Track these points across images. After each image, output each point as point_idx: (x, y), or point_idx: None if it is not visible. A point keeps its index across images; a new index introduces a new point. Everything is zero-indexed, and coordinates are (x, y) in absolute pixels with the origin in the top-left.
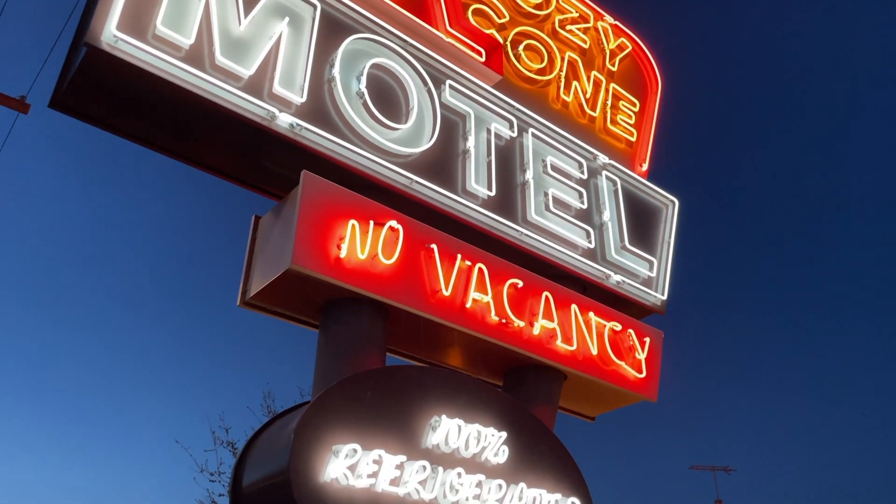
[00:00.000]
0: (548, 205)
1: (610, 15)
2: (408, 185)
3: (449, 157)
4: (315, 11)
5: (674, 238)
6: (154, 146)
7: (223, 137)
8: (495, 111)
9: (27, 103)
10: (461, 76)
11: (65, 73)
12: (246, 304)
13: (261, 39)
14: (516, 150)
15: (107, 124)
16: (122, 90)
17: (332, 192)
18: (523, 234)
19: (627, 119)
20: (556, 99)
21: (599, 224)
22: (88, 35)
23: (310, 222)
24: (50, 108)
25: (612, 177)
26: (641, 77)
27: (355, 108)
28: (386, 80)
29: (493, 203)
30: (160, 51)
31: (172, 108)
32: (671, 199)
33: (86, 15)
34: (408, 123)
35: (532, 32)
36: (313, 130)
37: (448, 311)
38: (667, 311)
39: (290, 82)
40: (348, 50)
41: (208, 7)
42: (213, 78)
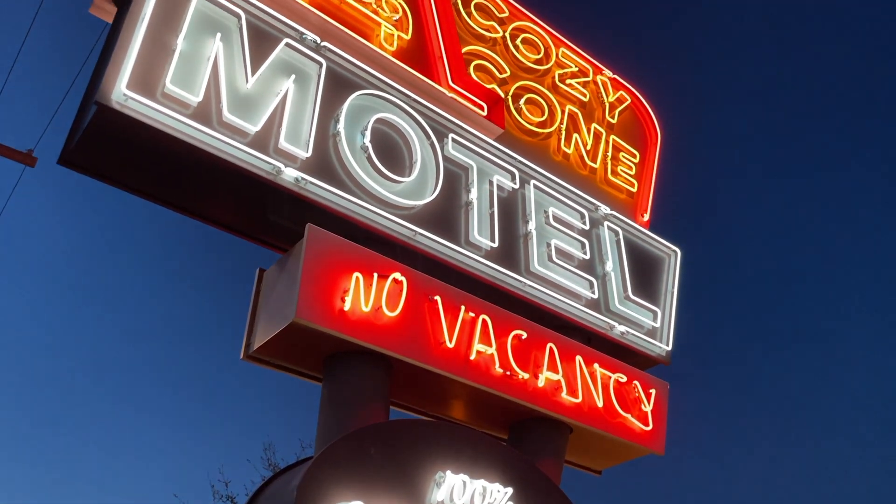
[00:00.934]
0: (550, 255)
1: (609, 69)
2: (411, 237)
3: (452, 209)
4: (321, 69)
5: (677, 288)
6: (160, 201)
7: (229, 192)
8: (497, 163)
9: (34, 156)
10: (464, 130)
11: (74, 131)
12: (249, 358)
13: (267, 96)
14: (518, 201)
15: (114, 180)
16: (131, 147)
17: (336, 244)
18: (526, 285)
19: (628, 170)
20: (557, 151)
21: (602, 274)
22: (99, 94)
23: (314, 275)
24: (59, 164)
25: (614, 227)
26: (641, 129)
27: (359, 161)
28: (390, 135)
29: (496, 254)
30: (169, 108)
31: (180, 163)
32: (673, 248)
33: (97, 73)
34: (411, 176)
35: (533, 87)
36: (318, 184)
37: (452, 364)
38: (671, 362)
39: (295, 137)
40: (353, 105)
41: (216, 66)
42: (220, 134)
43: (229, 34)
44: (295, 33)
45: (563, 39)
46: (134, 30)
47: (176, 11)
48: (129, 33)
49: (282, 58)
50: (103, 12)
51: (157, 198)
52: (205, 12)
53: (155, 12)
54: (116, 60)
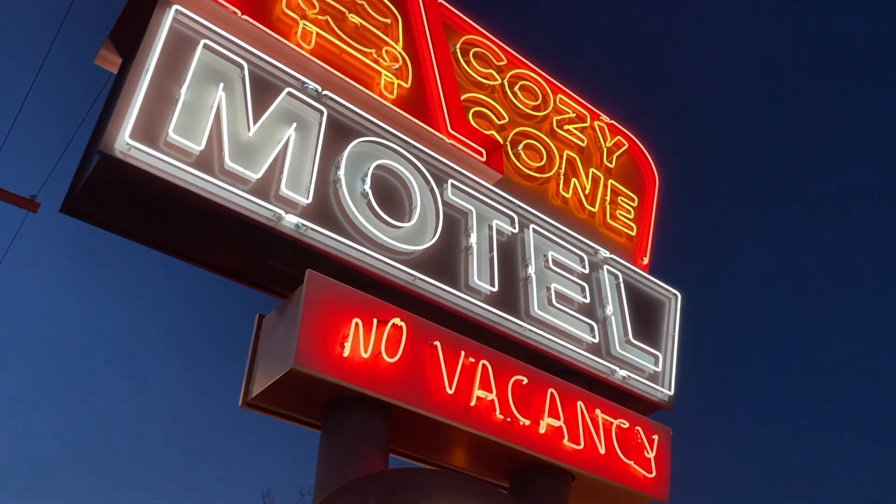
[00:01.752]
0: (550, 299)
1: (606, 114)
2: (411, 281)
3: (451, 254)
4: (322, 117)
5: (678, 332)
6: (161, 247)
7: (230, 238)
8: (496, 208)
9: (37, 202)
10: (463, 175)
11: (77, 179)
12: (248, 405)
13: (269, 144)
14: (518, 245)
15: (115, 227)
16: (133, 195)
17: (336, 290)
18: (527, 330)
19: (627, 214)
20: (556, 195)
21: (603, 318)
22: (102, 143)
23: (313, 321)
24: (61, 212)
25: (613, 271)
26: (639, 173)
27: (359, 207)
28: (390, 180)
29: (496, 298)
30: (171, 157)
31: (181, 211)
32: (674, 292)
33: (100, 122)
34: (411, 222)
35: (531, 132)
36: (318, 230)
37: (452, 410)
38: (674, 407)
39: (296, 184)
40: (353, 152)
41: (219, 115)
42: (221, 182)
43: (232, 84)
44: (297, 82)
45: (560, 86)
46: (138, 80)
47: (180, 62)
48: (134, 83)
49: (283, 106)
50: (108, 63)
51: (158, 244)
52: (208, 63)
53: (159, 63)
54: (120, 110)
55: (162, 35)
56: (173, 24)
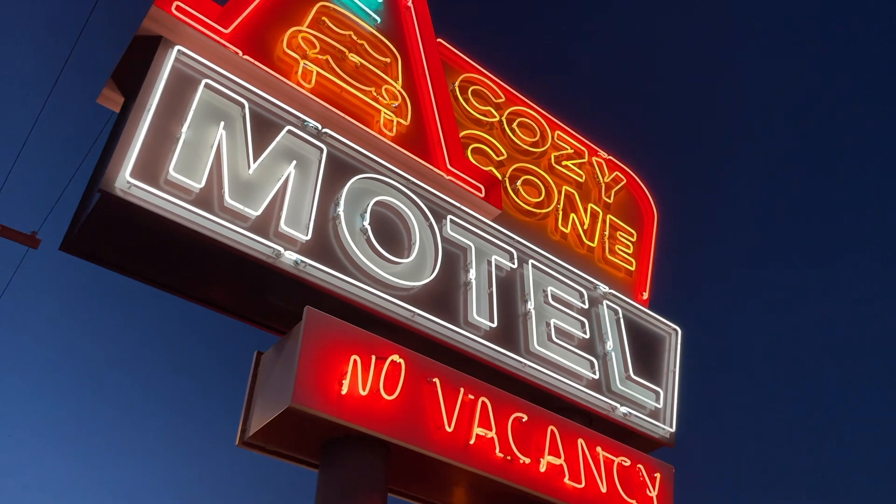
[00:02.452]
0: (550, 335)
1: (603, 150)
2: (410, 317)
3: (450, 290)
4: (322, 154)
5: (679, 367)
6: (160, 285)
7: (229, 275)
8: (495, 243)
9: (38, 238)
10: (462, 211)
11: (77, 217)
12: (245, 444)
13: (269, 181)
14: (517, 280)
15: (115, 265)
16: (133, 233)
17: (334, 327)
18: (526, 366)
19: (626, 249)
20: (555, 230)
21: (603, 354)
22: (103, 182)
23: (311, 358)
24: (61, 250)
25: (613, 306)
26: (637, 208)
27: (358, 243)
28: (389, 216)
29: (496, 334)
30: (171, 195)
31: (181, 248)
32: (674, 327)
33: (102, 161)
34: (410, 257)
35: (530, 168)
36: (317, 267)
37: (451, 449)
38: (676, 444)
39: (296, 221)
40: (353, 189)
41: (219, 153)
42: (221, 219)
43: (233, 122)
44: (297, 120)
45: (558, 122)
46: (140, 119)
47: (181, 101)
48: (136, 122)
49: (284, 144)
50: (111, 102)
51: (157, 282)
52: (209, 102)
53: (161, 102)
54: (122, 149)
55: (164, 75)
56: (175, 64)
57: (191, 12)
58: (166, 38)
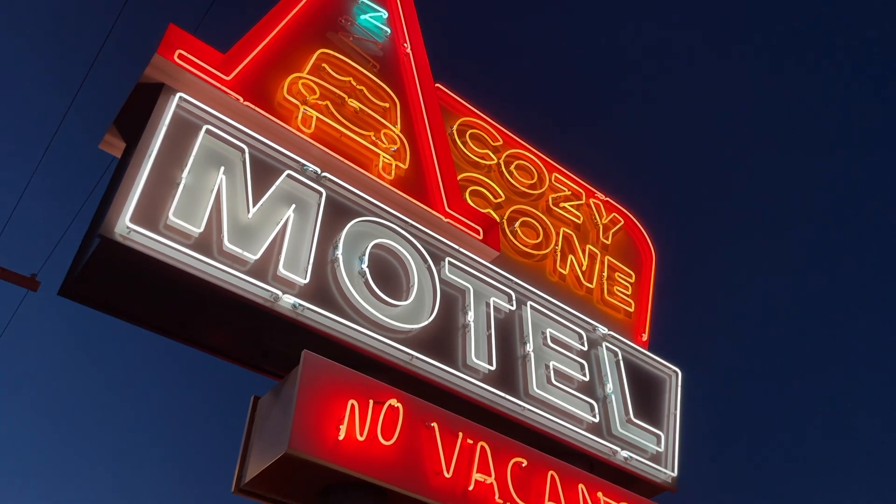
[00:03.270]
0: (549, 378)
1: (601, 191)
2: (408, 361)
3: (449, 332)
4: (321, 197)
5: (679, 410)
6: (158, 330)
7: (227, 319)
8: (494, 285)
9: (37, 280)
10: (460, 253)
11: (76, 262)
12: (241, 491)
13: (268, 225)
14: (516, 322)
15: (113, 310)
16: (132, 278)
17: (332, 371)
18: (526, 409)
19: (624, 290)
20: (553, 272)
21: (603, 397)
22: (103, 227)
23: (308, 403)
24: (59, 295)
25: (612, 347)
26: (635, 249)
27: (357, 286)
28: (387, 259)
29: (495, 377)
30: (170, 240)
31: (179, 293)
32: (674, 369)
33: (102, 206)
34: (408, 300)
35: (527, 210)
36: (315, 310)
37: (450, 496)
38: (678, 489)
39: (294, 264)
40: (351, 232)
41: (219, 197)
42: (219, 263)
43: (233, 167)
44: (296, 165)
45: (555, 165)
46: (140, 165)
47: (182, 147)
48: (136, 168)
49: (283, 188)
50: (112, 147)
51: (156, 326)
52: (210, 147)
53: (162, 148)
54: (122, 194)
55: (165, 121)
56: (177, 111)
57: (193, 60)
58: (168, 85)
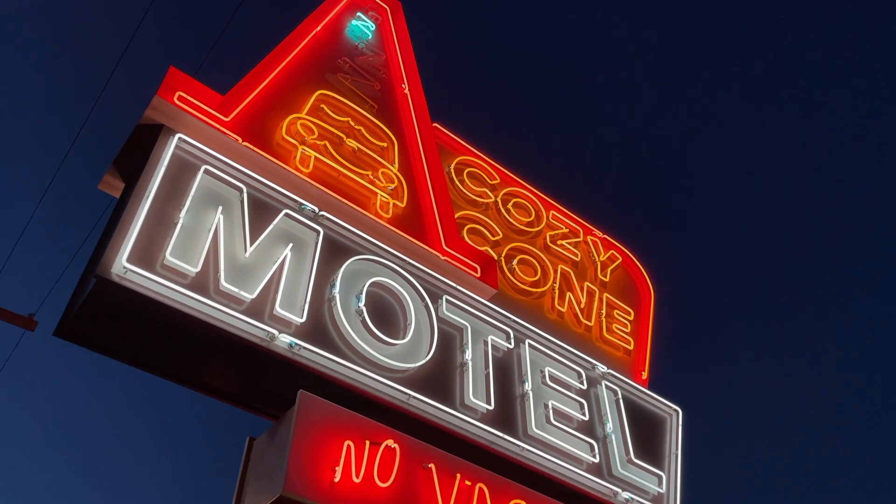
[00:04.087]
0: (549, 417)
1: (598, 229)
2: (405, 400)
3: (447, 371)
4: (318, 236)
5: (681, 450)
6: (154, 370)
7: (223, 359)
8: (492, 323)
9: (35, 320)
10: (458, 291)
11: (72, 303)
12: None
13: (265, 264)
14: (514, 361)
15: (109, 351)
16: (128, 318)
17: (328, 411)
18: (525, 450)
19: (623, 328)
20: (552, 309)
21: (603, 436)
22: (99, 267)
23: (304, 444)
24: (55, 336)
25: (612, 386)
26: (634, 287)
27: (354, 325)
28: (385, 297)
29: (493, 417)
30: (167, 279)
31: (175, 333)
32: (674, 408)
33: (99, 246)
34: (406, 338)
35: (525, 247)
36: (312, 349)
37: None
38: None
39: (291, 303)
40: (349, 270)
41: (217, 236)
42: (215, 303)
43: (231, 206)
44: (294, 204)
45: (552, 202)
46: (139, 205)
47: (180, 187)
48: (134, 208)
49: (281, 227)
50: (111, 188)
51: (151, 367)
52: (208, 187)
53: (160, 188)
54: (119, 234)
55: (164, 161)
56: (176, 151)
57: (192, 101)
58: (168, 126)
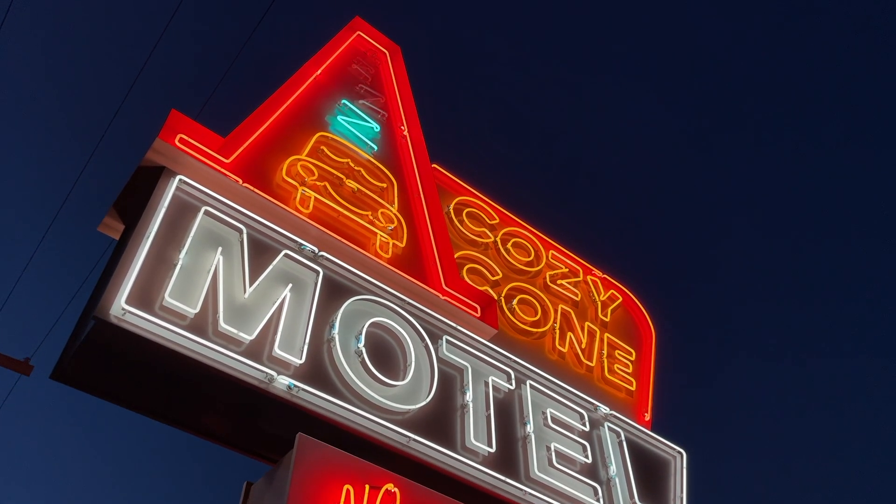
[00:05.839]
0: (551, 460)
1: (598, 268)
2: (405, 443)
3: (447, 412)
4: (318, 277)
5: (686, 493)
6: (151, 414)
7: (221, 402)
8: (492, 364)
9: (31, 365)
10: (458, 331)
11: (70, 346)
12: None
13: (264, 305)
14: (515, 402)
15: (106, 394)
16: (125, 360)
17: (327, 454)
18: (528, 494)
19: (625, 368)
20: (553, 349)
21: (606, 479)
22: (98, 309)
23: (303, 489)
24: (52, 379)
25: (615, 428)
26: (635, 326)
27: (353, 366)
28: (384, 338)
29: (495, 460)
30: (165, 321)
31: (173, 374)
32: (678, 450)
33: (98, 288)
34: (405, 380)
35: (525, 287)
36: (310, 391)
37: None
38: None
39: (290, 344)
40: (348, 311)
41: (216, 277)
42: (214, 344)
43: (230, 247)
44: (294, 244)
45: (552, 242)
46: (138, 246)
47: (181, 228)
48: (133, 250)
49: (280, 268)
50: (111, 230)
51: (149, 410)
52: (208, 228)
53: (160, 229)
54: (118, 276)
55: (165, 203)
56: (176, 193)
57: (193, 143)
58: (169, 168)
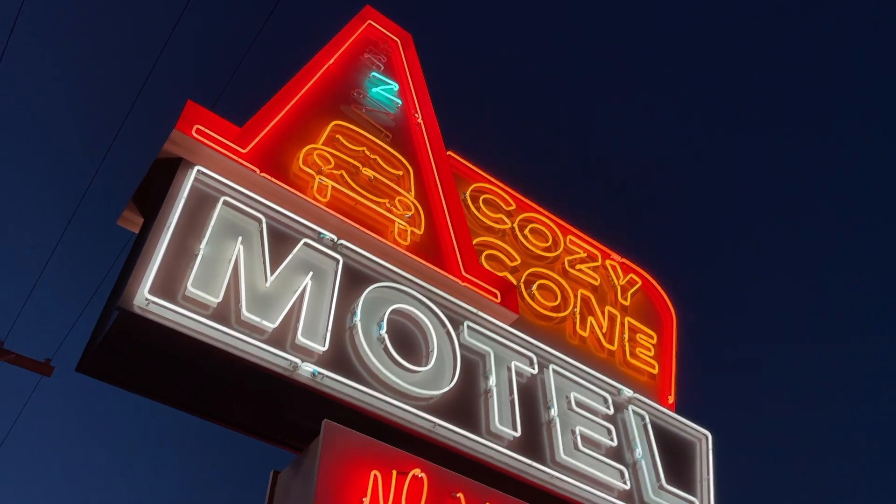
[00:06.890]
0: (576, 443)
1: (616, 252)
2: (431, 428)
3: (471, 398)
4: (338, 265)
5: (713, 475)
6: (176, 404)
7: (246, 390)
8: (514, 349)
9: (51, 366)
10: (479, 317)
11: (94, 337)
12: None
13: (285, 293)
14: (538, 387)
15: (130, 385)
16: (150, 350)
17: (354, 441)
18: (554, 477)
19: (647, 351)
20: (574, 334)
21: (632, 462)
22: (121, 299)
23: (330, 476)
24: (77, 372)
25: (639, 411)
26: (655, 310)
27: (376, 353)
28: (406, 325)
29: (520, 444)
30: (188, 310)
31: (197, 364)
32: (704, 432)
33: (120, 280)
34: (428, 365)
35: (544, 273)
36: (335, 378)
37: None
38: None
39: (312, 332)
40: (369, 298)
41: (237, 267)
42: (237, 333)
43: (250, 237)
44: (313, 233)
45: (569, 227)
46: (159, 237)
47: (200, 219)
48: (155, 241)
49: (300, 256)
50: (130, 223)
51: (173, 401)
52: (227, 218)
53: (180, 220)
54: (140, 267)
55: (184, 194)
56: (195, 184)
57: (210, 134)
58: (186, 159)
